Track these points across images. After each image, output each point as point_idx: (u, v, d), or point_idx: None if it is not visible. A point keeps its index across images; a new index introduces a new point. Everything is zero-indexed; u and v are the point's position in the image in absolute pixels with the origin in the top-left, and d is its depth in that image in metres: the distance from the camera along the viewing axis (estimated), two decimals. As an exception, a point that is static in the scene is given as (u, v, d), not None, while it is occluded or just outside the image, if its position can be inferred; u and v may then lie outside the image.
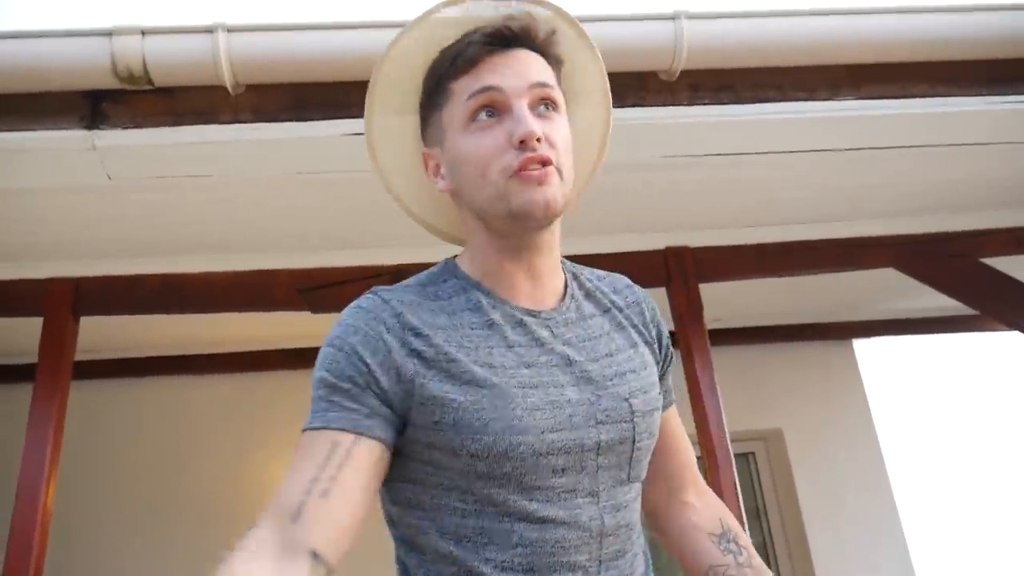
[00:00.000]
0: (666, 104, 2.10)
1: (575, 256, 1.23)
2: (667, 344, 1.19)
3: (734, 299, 3.45)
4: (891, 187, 2.70)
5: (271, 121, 2.01)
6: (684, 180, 2.52)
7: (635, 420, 1.01)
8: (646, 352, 1.12)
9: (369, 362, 0.93)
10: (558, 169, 0.98)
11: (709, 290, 2.80)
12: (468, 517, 0.95)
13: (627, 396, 1.02)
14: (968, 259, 2.85)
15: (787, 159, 2.38)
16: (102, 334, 3.18)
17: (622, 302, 1.16)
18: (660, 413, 1.09)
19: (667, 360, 1.19)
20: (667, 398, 1.20)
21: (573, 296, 1.10)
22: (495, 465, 0.92)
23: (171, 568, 3.67)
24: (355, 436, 0.90)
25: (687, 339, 2.69)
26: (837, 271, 2.97)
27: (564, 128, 1.02)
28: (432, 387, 0.93)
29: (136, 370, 3.96)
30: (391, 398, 0.93)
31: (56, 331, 2.54)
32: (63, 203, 2.31)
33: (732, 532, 1.19)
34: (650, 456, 1.09)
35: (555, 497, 0.95)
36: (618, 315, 1.13)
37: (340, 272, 2.69)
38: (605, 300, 1.13)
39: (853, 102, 2.16)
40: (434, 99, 1.05)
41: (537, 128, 0.96)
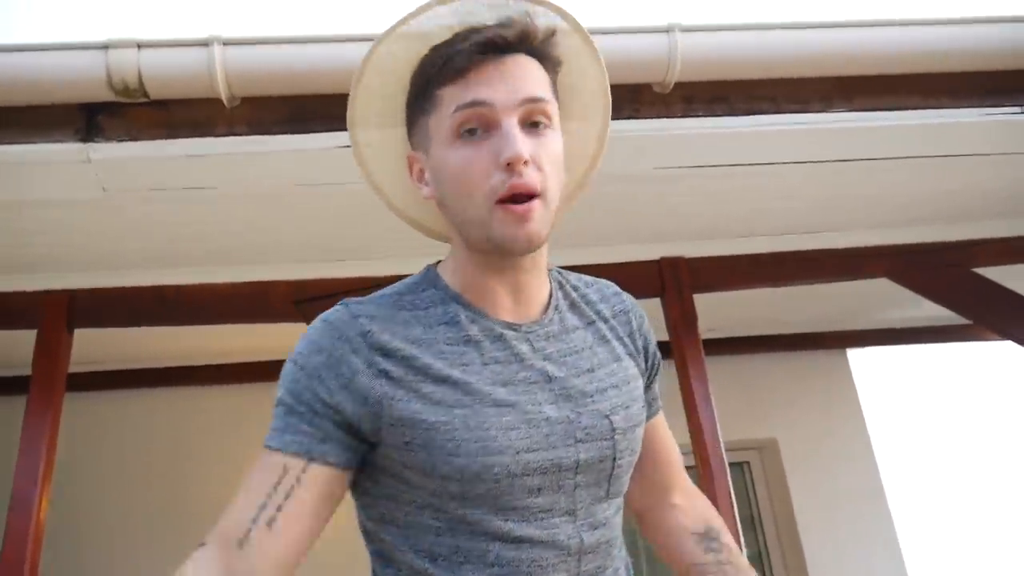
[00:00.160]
0: (660, 116, 2.11)
1: (570, 267, 1.23)
2: (654, 353, 1.17)
3: (729, 309, 3.45)
4: (885, 198, 2.71)
5: (266, 133, 2.01)
6: (678, 191, 2.52)
7: (616, 438, 0.99)
8: (630, 365, 1.09)
9: (331, 386, 0.91)
10: (543, 195, 0.93)
11: (703, 300, 2.80)
12: (443, 535, 0.93)
13: (608, 413, 1.00)
14: (962, 269, 2.86)
15: (781, 170, 2.39)
16: (97, 346, 3.18)
17: (608, 311, 1.13)
18: (643, 427, 1.07)
19: (654, 370, 1.17)
20: (654, 406, 1.19)
21: (557, 307, 1.07)
22: (468, 486, 0.90)
23: (165, 580, 3.66)
24: (307, 462, 0.90)
25: (681, 349, 2.70)
26: (831, 281, 2.97)
27: (555, 144, 0.97)
28: (401, 407, 0.91)
29: (131, 382, 3.95)
30: (356, 421, 0.91)
31: (50, 343, 2.54)
32: (58, 215, 2.30)
33: (715, 531, 1.19)
34: (633, 467, 1.06)
35: (531, 517, 0.93)
36: (602, 327, 1.10)
37: (336, 284, 2.69)
38: (590, 311, 1.11)
39: (847, 114, 2.17)
40: (421, 102, 1.00)
41: (525, 151, 0.91)
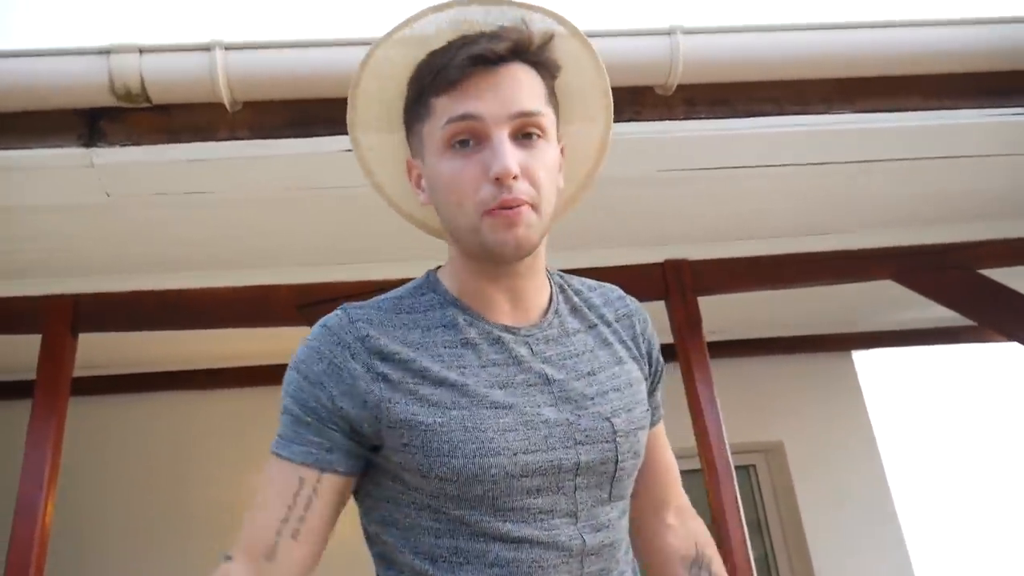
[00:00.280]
0: (662, 118, 2.10)
1: (572, 270, 1.22)
2: (658, 359, 1.16)
3: (733, 311, 3.45)
4: (889, 199, 2.70)
5: (269, 138, 2.00)
6: (681, 194, 2.52)
7: (618, 440, 0.99)
8: (633, 368, 1.09)
9: (333, 393, 0.93)
10: (534, 206, 0.94)
11: (708, 303, 2.79)
12: (442, 537, 0.93)
13: (609, 415, 0.99)
14: (966, 270, 2.85)
15: (784, 172, 2.38)
16: (101, 350, 3.18)
17: (612, 315, 1.13)
18: (646, 431, 1.07)
19: (657, 375, 1.16)
20: (655, 414, 1.18)
21: (557, 312, 1.07)
22: (466, 488, 0.91)
23: (170, 585, 3.66)
24: (320, 472, 0.93)
25: (686, 352, 2.69)
26: (836, 283, 2.96)
27: (548, 155, 0.97)
28: (399, 410, 0.92)
29: (135, 386, 3.96)
30: (358, 425, 0.93)
31: (54, 348, 2.54)
32: (61, 220, 2.31)
33: (705, 559, 1.17)
34: (637, 471, 1.06)
35: (530, 518, 0.93)
36: (604, 330, 1.10)
37: (339, 287, 2.68)
38: (592, 315, 1.11)
39: (850, 115, 2.16)
40: (417, 109, 1.01)
41: (513, 166, 0.92)
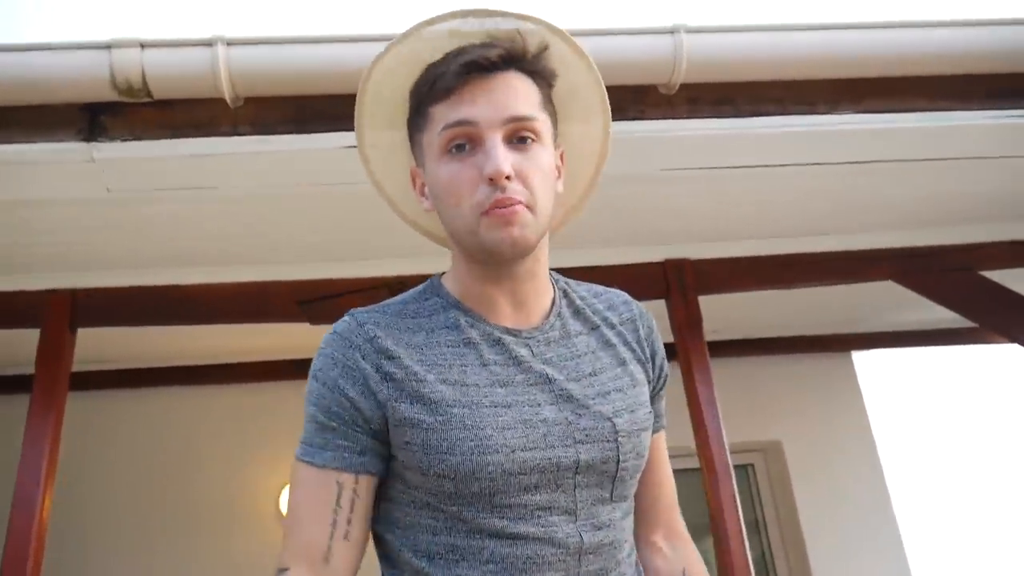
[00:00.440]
0: (665, 117, 2.10)
1: (574, 269, 1.22)
2: (662, 364, 1.16)
3: (733, 311, 3.45)
4: (890, 200, 2.70)
5: (270, 133, 2.00)
6: (683, 193, 2.52)
7: (619, 440, 1.00)
8: (637, 370, 1.10)
9: (351, 395, 0.96)
10: (529, 206, 0.96)
11: (708, 302, 2.79)
12: (440, 534, 0.96)
13: (611, 415, 1.01)
14: (967, 272, 2.85)
15: (786, 172, 2.38)
16: (100, 345, 3.18)
17: (616, 319, 1.14)
18: (649, 433, 1.07)
19: (661, 380, 1.16)
20: (658, 422, 1.17)
21: (559, 314, 1.09)
22: (463, 485, 0.93)
23: (168, 580, 3.66)
24: (356, 475, 0.96)
25: (686, 351, 2.69)
26: (837, 283, 2.96)
27: (541, 160, 0.99)
28: (402, 409, 0.95)
29: (134, 381, 3.95)
30: (376, 426, 0.97)
31: (53, 342, 2.53)
32: (61, 215, 2.30)
33: None
34: (638, 477, 1.07)
35: (528, 515, 0.95)
36: (607, 332, 1.11)
37: (340, 284, 2.69)
38: (595, 318, 1.12)
39: (853, 116, 2.16)
40: (416, 120, 1.05)
41: (506, 167, 0.94)
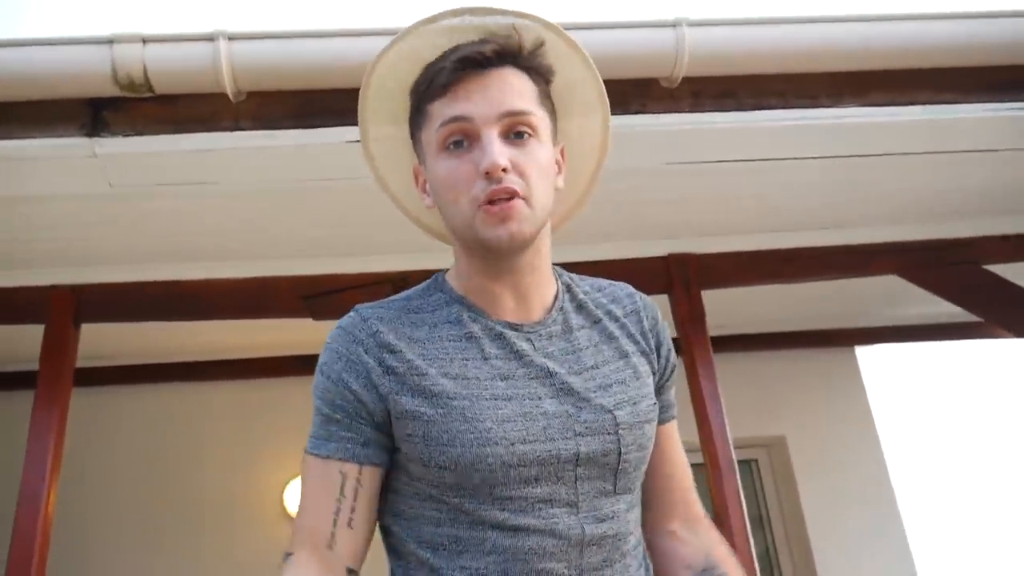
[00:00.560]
0: (668, 111, 2.09)
1: (577, 264, 1.22)
2: (667, 354, 1.16)
3: (737, 306, 3.43)
4: (894, 194, 2.69)
5: (273, 128, 2.00)
6: (686, 187, 2.51)
7: (620, 432, 1.00)
8: (641, 362, 1.10)
9: (355, 388, 0.98)
10: (526, 199, 0.97)
11: (712, 297, 2.79)
12: (442, 526, 0.97)
13: (612, 408, 1.01)
14: (971, 266, 2.84)
15: (790, 166, 2.37)
16: (104, 341, 3.18)
17: (620, 311, 1.14)
18: (654, 425, 1.07)
19: (667, 370, 1.16)
20: (666, 412, 1.17)
21: (561, 308, 1.09)
22: (463, 477, 0.94)
23: (174, 574, 3.67)
24: (359, 465, 0.99)
25: (690, 346, 2.68)
26: (840, 278, 2.95)
27: (538, 154, 1.00)
28: (404, 402, 0.97)
29: (138, 377, 3.96)
30: (379, 419, 0.98)
31: (57, 338, 2.54)
32: (64, 211, 2.31)
33: (717, 569, 1.14)
34: (644, 469, 1.07)
35: (528, 507, 0.96)
36: (610, 325, 1.11)
37: (344, 279, 2.69)
38: (598, 311, 1.12)
39: (856, 109, 2.15)
40: (415, 119, 1.06)
41: (502, 160, 0.95)
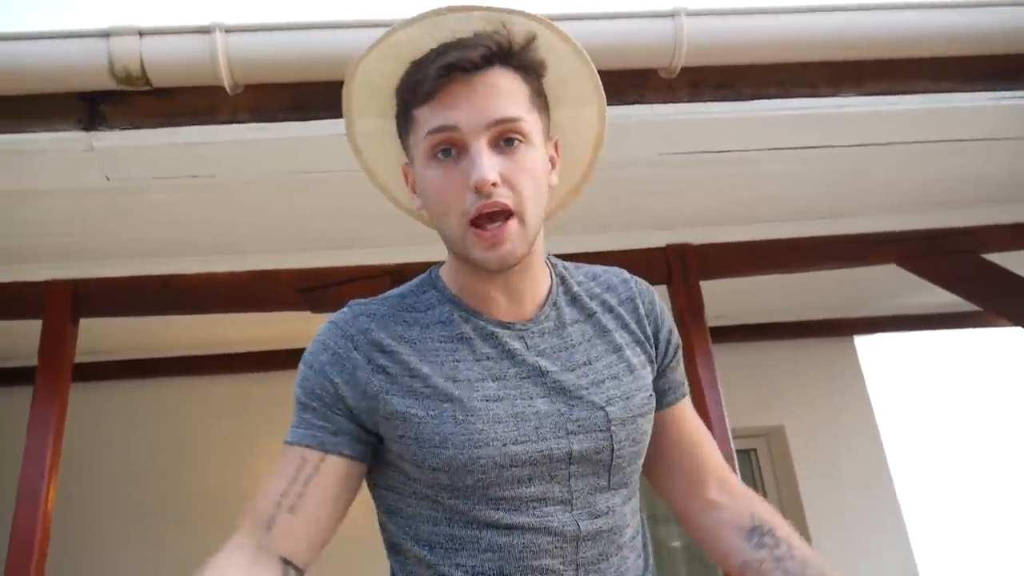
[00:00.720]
0: (666, 101, 2.08)
1: (575, 255, 1.22)
2: (669, 336, 1.15)
3: (735, 296, 3.44)
4: (893, 183, 2.69)
5: (270, 121, 1.99)
6: (684, 177, 2.51)
7: (612, 429, 1.00)
8: (634, 354, 1.09)
9: (336, 381, 0.98)
10: (519, 213, 0.95)
11: (710, 287, 2.79)
12: (439, 525, 0.97)
13: (603, 404, 1.01)
14: (970, 255, 2.84)
15: (788, 156, 2.37)
16: (102, 336, 3.18)
17: (615, 300, 1.13)
18: (649, 417, 1.07)
19: (669, 352, 1.15)
20: (676, 392, 1.17)
21: (555, 304, 1.08)
22: (457, 478, 0.94)
23: (173, 570, 3.67)
24: (322, 453, 0.97)
25: (689, 337, 2.68)
26: (839, 267, 2.95)
27: (530, 160, 0.97)
28: (395, 402, 0.96)
29: (137, 372, 3.97)
30: (358, 414, 0.98)
31: (55, 333, 2.53)
32: (62, 205, 2.30)
33: (766, 525, 1.13)
34: (640, 462, 1.07)
35: (522, 506, 0.96)
36: (604, 318, 1.10)
37: (341, 272, 2.68)
38: (592, 303, 1.11)
39: (855, 98, 2.14)
40: (402, 120, 1.04)
41: (491, 174, 0.93)
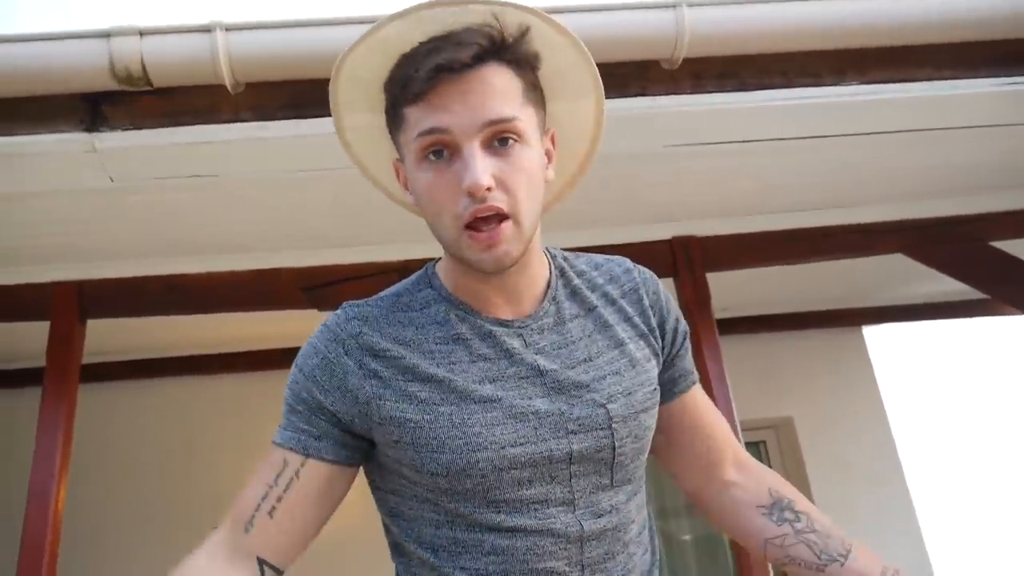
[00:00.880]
0: (669, 93, 2.08)
1: (581, 248, 1.21)
2: (675, 325, 1.14)
3: (742, 288, 3.43)
4: (898, 172, 2.67)
5: (271, 119, 1.99)
6: (689, 169, 2.50)
7: (613, 426, 0.98)
8: (637, 348, 1.07)
9: (325, 386, 0.96)
10: (513, 215, 0.93)
11: (717, 279, 2.78)
12: (442, 528, 0.96)
13: (604, 402, 0.99)
14: (978, 243, 2.83)
15: (793, 145, 2.35)
16: (110, 336, 3.19)
17: (617, 292, 1.11)
18: (653, 412, 1.06)
19: (676, 342, 1.14)
20: (685, 380, 1.17)
21: (554, 298, 1.06)
22: (456, 482, 0.93)
23: (184, 568, 3.68)
24: (303, 457, 0.96)
25: (695, 329, 2.67)
26: (846, 257, 2.94)
27: (525, 160, 0.94)
28: (389, 407, 0.95)
29: (145, 371, 3.98)
30: (348, 419, 0.96)
31: (63, 334, 2.54)
32: (66, 206, 2.30)
33: (785, 500, 1.14)
34: (644, 457, 1.06)
35: (523, 508, 0.95)
36: (605, 312, 1.08)
37: (344, 269, 2.69)
38: (593, 296, 1.09)
39: (859, 87, 2.13)
40: (391, 117, 1.01)
41: (485, 178, 0.89)
